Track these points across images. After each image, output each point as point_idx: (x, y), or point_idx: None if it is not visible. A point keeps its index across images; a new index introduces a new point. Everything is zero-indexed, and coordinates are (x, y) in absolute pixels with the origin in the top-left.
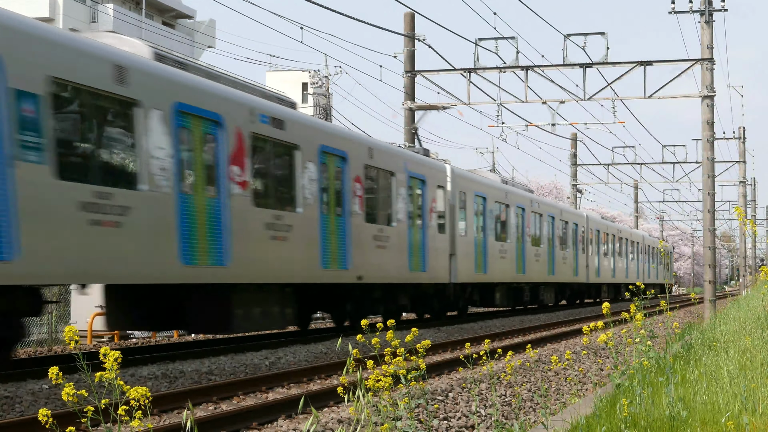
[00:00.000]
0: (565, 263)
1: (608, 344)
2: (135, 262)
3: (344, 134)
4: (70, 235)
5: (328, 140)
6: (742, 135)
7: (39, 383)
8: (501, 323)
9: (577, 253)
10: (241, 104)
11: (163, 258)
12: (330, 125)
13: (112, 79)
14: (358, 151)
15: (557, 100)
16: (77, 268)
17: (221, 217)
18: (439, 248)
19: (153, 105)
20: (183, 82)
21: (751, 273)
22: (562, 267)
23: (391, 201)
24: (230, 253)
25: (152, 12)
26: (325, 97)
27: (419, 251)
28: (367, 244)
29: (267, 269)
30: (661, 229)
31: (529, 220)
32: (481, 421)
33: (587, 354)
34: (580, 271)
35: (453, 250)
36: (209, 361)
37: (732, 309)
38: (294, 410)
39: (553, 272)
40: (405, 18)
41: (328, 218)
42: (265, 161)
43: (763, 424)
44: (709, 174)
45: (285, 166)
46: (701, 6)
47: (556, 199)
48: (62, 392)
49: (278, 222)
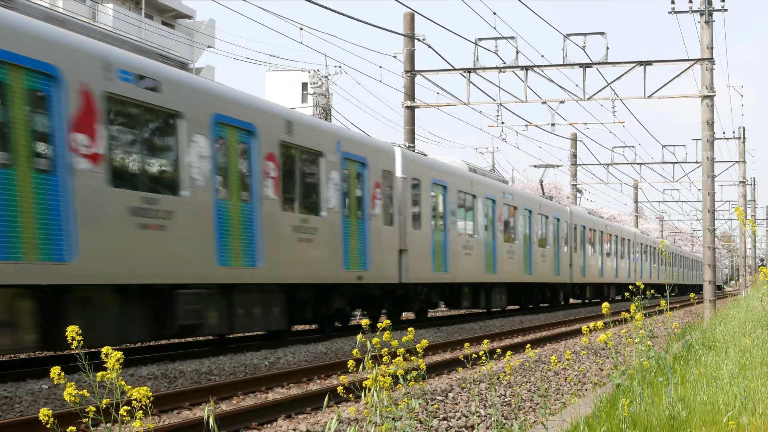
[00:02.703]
0: (545, 261)
1: (608, 344)
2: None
3: (250, 103)
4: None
5: (226, 109)
6: (742, 135)
7: (38, 383)
8: (501, 323)
9: (559, 251)
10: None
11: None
12: (227, 89)
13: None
14: (271, 125)
15: (557, 100)
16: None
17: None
18: (386, 243)
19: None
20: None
21: (750, 273)
22: (540, 266)
23: (319, 186)
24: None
25: (152, 12)
26: (325, 97)
27: (358, 246)
28: (284, 237)
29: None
30: (661, 229)
31: (501, 213)
32: (481, 421)
33: (587, 354)
34: (562, 270)
35: (404, 245)
36: (209, 361)
37: (732, 309)
38: (294, 410)
39: (531, 271)
40: (405, 18)
41: (227, 204)
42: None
43: (763, 424)
44: (708, 174)
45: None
46: (701, 6)
47: (556, 200)
48: (64, 392)
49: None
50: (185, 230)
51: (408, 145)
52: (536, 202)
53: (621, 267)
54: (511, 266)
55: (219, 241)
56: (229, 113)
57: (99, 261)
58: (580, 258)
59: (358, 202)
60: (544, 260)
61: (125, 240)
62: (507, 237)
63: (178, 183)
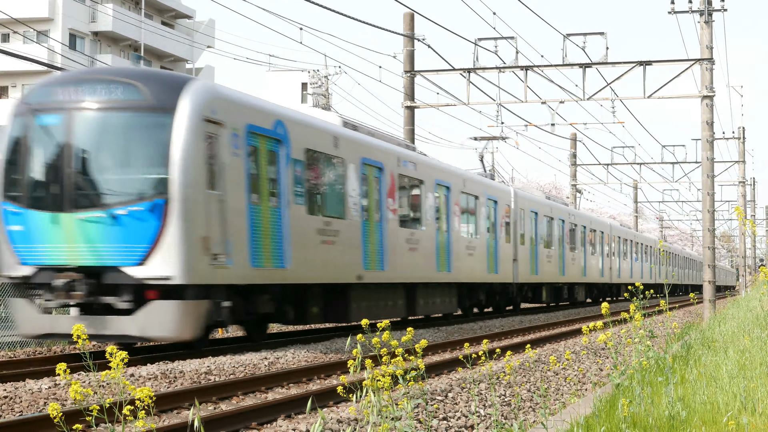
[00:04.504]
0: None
1: (608, 344)
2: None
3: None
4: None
5: (440, 175)
6: (742, 135)
7: (38, 383)
8: (501, 323)
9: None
10: (391, 154)
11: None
12: (439, 162)
13: (332, 144)
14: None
15: (557, 100)
16: (314, 272)
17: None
18: (505, 255)
19: (351, 160)
20: (363, 143)
21: (750, 273)
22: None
23: (477, 217)
24: (387, 260)
25: (151, 12)
26: (325, 97)
27: (493, 257)
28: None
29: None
30: (661, 229)
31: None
32: (481, 421)
33: (586, 354)
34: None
35: (515, 256)
36: (209, 361)
37: (731, 309)
38: (294, 410)
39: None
40: (405, 18)
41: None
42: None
43: (763, 424)
44: (708, 174)
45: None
46: (701, 6)
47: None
48: (70, 389)
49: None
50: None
51: (485, 174)
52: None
53: (592, 265)
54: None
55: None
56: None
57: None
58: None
59: (493, 228)
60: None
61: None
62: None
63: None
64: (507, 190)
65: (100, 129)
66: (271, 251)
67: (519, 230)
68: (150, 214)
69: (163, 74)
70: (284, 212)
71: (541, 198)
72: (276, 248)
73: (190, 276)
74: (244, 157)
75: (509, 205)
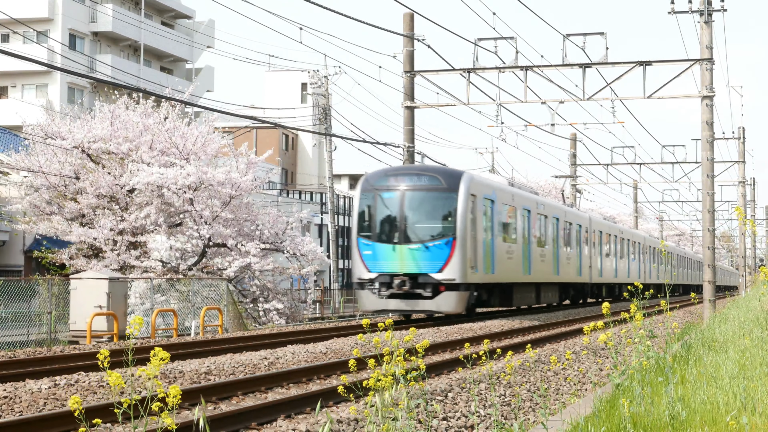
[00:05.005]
0: (570, 264)
1: (608, 344)
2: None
3: (557, 205)
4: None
5: (553, 210)
6: (742, 135)
7: (38, 383)
8: (500, 323)
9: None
10: (532, 200)
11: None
12: (553, 201)
13: (511, 199)
14: (561, 214)
15: (556, 100)
16: (503, 276)
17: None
18: (585, 263)
19: (517, 207)
20: (521, 195)
21: (750, 273)
22: (565, 268)
23: (569, 237)
24: (531, 268)
25: (151, 12)
26: (325, 98)
27: (577, 264)
28: (564, 262)
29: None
30: (661, 229)
31: (594, 238)
32: (481, 421)
33: (587, 354)
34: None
35: (589, 263)
36: (208, 361)
37: (731, 309)
38: (294, 410)
39: (557, 273)
40: (404, 18)
41: (552, 249)
42: (544, 226)
43: (763, 424)
44: (708, 174)
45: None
46: (700, 6)
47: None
48: (108, 380)
49: (542, 252)
50: (547, 262)
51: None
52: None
53: (567, 263)
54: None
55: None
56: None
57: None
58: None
59: (583, 244)
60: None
61: (539, 266)
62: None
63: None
64: (586, 216)
65: (418, 200)
66: (492, 264)
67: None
68: (445, 245)
69: (449, 170)
70: (495, 241)
71: (505, 186)
72: (491, 262)
73: (463, 278)
74: (482, 212)
75: (465, 197)
